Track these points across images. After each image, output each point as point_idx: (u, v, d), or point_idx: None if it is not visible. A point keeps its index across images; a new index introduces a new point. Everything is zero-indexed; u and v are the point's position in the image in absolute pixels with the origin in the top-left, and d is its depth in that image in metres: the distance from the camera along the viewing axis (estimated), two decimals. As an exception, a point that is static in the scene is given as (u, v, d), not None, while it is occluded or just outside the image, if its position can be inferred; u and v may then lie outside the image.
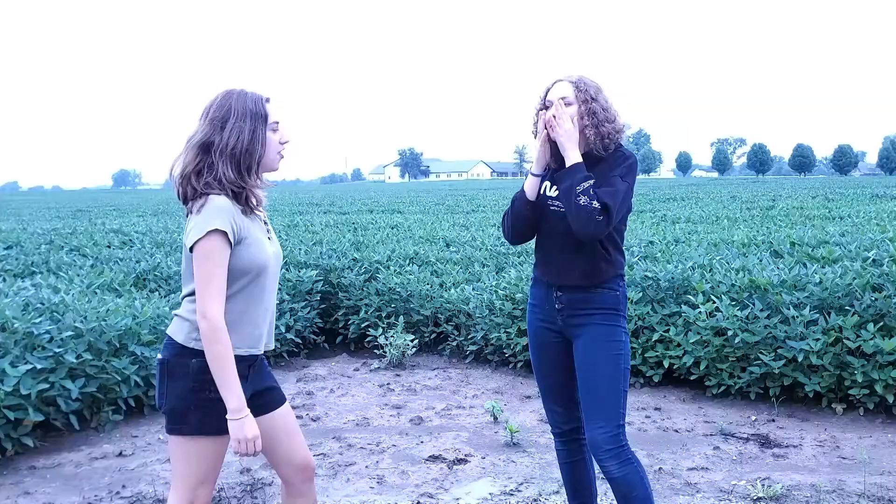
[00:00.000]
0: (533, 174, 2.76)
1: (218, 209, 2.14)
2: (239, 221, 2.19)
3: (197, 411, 2.18)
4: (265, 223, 2.36)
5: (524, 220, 2.79)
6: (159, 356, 2.25)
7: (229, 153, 2.18)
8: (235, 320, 2.20)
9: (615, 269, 2.71)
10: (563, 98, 2.66)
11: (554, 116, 2.62)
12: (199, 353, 2.17)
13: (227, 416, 2.15)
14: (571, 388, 2.83)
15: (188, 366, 2.18)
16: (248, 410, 2.16)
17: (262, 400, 2.36)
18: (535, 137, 2.77)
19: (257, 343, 2.28)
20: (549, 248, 2.77)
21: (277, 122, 2.28)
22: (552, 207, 2.72)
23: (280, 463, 2.42)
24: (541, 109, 2.72)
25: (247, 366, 2.25)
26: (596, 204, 2.50)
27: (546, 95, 2.71)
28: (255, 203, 2.25)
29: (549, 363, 2.85)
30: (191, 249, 2.15)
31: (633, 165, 2.68)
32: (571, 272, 2.70)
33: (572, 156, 2.60)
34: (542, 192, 2.76)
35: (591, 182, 2.55)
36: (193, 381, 2.17)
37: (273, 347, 2.38)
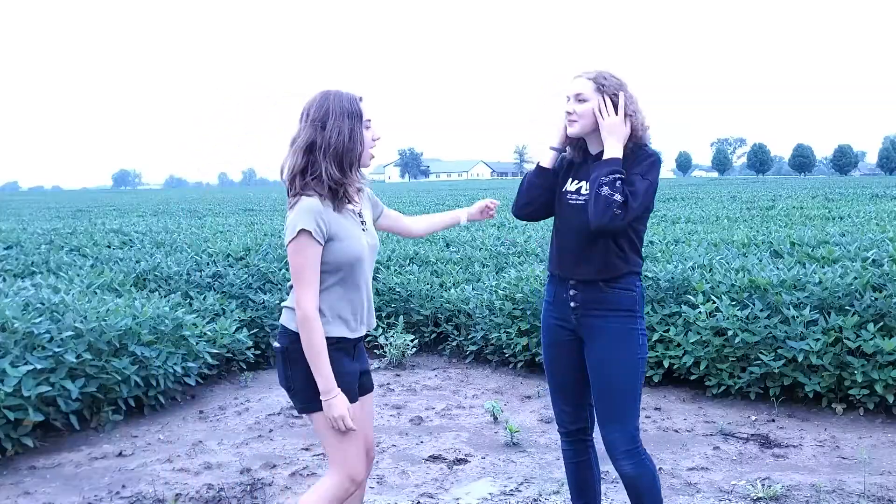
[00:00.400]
0: (552, 147, 2.78)
1: (306, 210, 2.31)
2: (328, 219, 2.34)
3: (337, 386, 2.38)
4: (359, 215, 2.50)
5: (534, 188, 2.80)
6: (277, 344, 2.47)
7: (332, 152, 2.34)
8: (336, 307, 2.40)
9: (629, 267, 2.68)
10: (578, 95, 2.65)
11: (608, 106, 2.61)
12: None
13: (319, 396, 2.34)
14: (582, 387, 2.82)
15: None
16: (338, 391, 2.34)
17: (361, 380, 2.56)
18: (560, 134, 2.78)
19: (358, 327, 2.47)
20: (564, 243, 2.75)
21: (370, 120, 2.43)
22: (570, 201, 2.72)
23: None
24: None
25: (352, 346, 2.47)
26: (618, 197, 2.50)
27: (565, 91, 2.72)
28: (348, 199, 2.41)
29: (561, 362, 2.82)
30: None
31: (655, 163, 2.67)
32: (584, 266, 2.68)
33: (613, 149, 2.59)
34: (563, 188, 2.77)
35: (621, 177, 2.53)
36: (333, 360, 2.38)
37: (374, 327, 2.60)
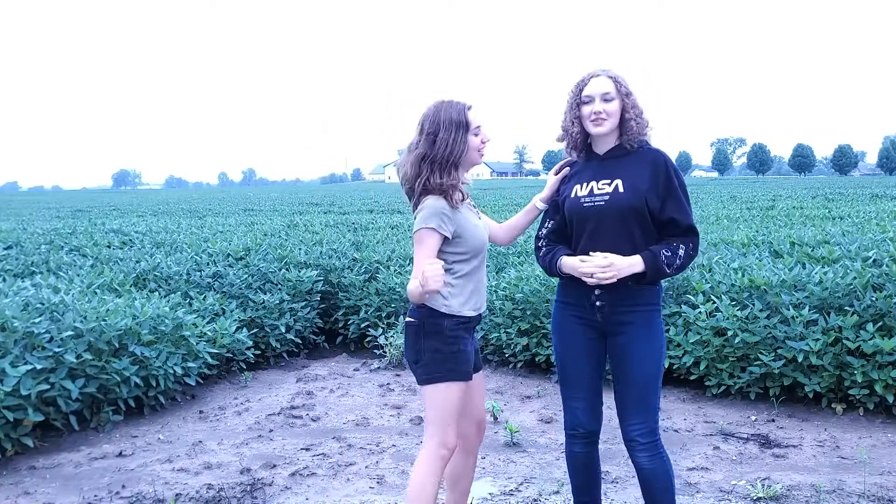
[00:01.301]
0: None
1: (433, 211, 2.62)
2: (451, 216, 2.65)
3: (449, 362, 2.66)
4: (474, 206, 2.84)
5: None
6: (410, 319, 2.75)
7: (439, 162, 2.65)
8: (469, 290, 2.71)
9: None
10: (605, 94, 2.67)
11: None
12: (450, 317, 2.67)
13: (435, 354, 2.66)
14: (599, 386, 2.83)
15: (442, 325, 2.67)
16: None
17: (476, 359, 2.82)
18: (564, 137, 2.79)
19: (482, 306, 2.79)
20: (589, 247, 2.71)
21: (479, 126, 2.70)
22: (586, 204, 2.70)
23: (466, 416, 2.82)
24: (578, 104, 2.71)
25: (472, 326, 2.75)
26: (681, 251, 2.64)
27: (582, 90, 2.70)
28: (459, 198, 2.68)
29: (582, 361, 2.79)
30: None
31: (674, 166, 2.74)
32: None
33: (634, 266, 2.62)
34: (573, 195, 2.75)
35: (667, 253, 2.63)
36: (448, 337, 2.67)
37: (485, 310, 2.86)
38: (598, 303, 2.71)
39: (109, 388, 4.71)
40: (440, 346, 2.66)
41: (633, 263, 2.61)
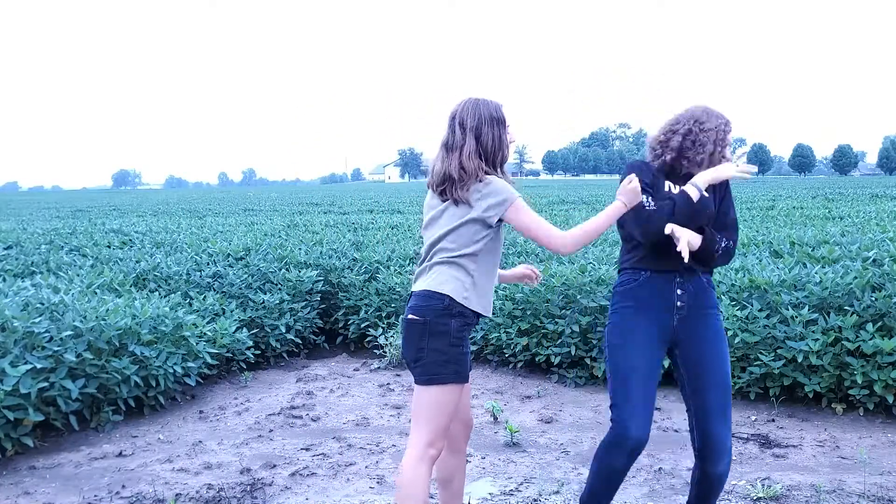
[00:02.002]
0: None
1: (504, 184, 2.66)
2: None
3: (452, 364, 2.64)
4: None
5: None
6: (415, 316, 2.66)
7: (490, 156, 2.69)
8: (485, 285, 2.73)
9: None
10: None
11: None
12: (457, 315, 2.64)
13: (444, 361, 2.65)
14: (652, 393, 2.73)
15: (449, 325, 2.63)
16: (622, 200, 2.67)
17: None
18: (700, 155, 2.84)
19: (490, 308, 2.78)
20: (661, 242, 2.72)
21: (510, 125, 2.74)
22: (648, 208, 2.73)
23: (455, 417, 2.79)
24: (724, 144, 2.86)
25: (472, 328, 2.75)
26: (724, 244, 2.75)
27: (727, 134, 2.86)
28: None
29: (652, 366, 2.73)
30: (499, 219, 2.66)
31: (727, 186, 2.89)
32: (692, 258, 2.73)
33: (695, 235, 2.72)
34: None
35: (719, 242, 2.74)
36: (453, 338, 2.64)
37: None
38: (678, 302, 2.74)
39: (109, 388, 4.71)
40: (444, 347, 2.64)
41: (693, 234, 2.71)
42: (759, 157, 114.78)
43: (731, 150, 2.88)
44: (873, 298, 4.85)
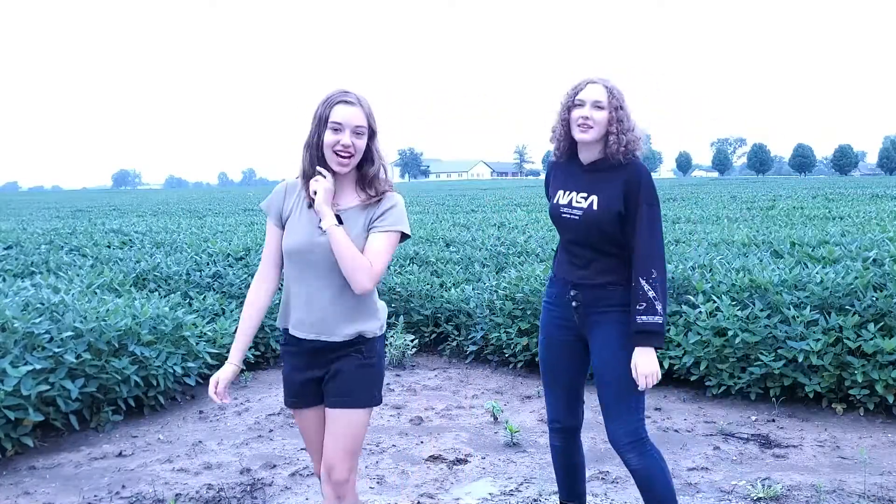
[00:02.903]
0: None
1: (273, 190, 2.53)
2: (289, 202, 2.48)
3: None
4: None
5: None
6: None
7: (305, 149, 2.45)
8: (284, 301, 2.54)
9: (628, 269, 2.71)
10: (597, 101, 2.64)
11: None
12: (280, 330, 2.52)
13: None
14: (579, 385, 2.91)
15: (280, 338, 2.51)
16: (232, 364, 2.52)
17: (327, 390, 2.50)
18: (553, 139, 2.78)
19: (306, 329, 2.45)
20: (566, 250, 2.83)
21: (340, 123, 2.37)
22: (564, 215, 2.75)
23: (315, 452, 2.66)
24: (570, 107, 2.69)
25: (304, 350, 2.47)
26: (652, 293, 2.59)
27: (576, 94, 2.67)
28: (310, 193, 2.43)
29: (561, 360, 2.87)
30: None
31: (652, 184, 2.70)
32: (587, 270, 2.74)
33: (652, 354, 2.64)
34: (556, 200, 2.79)
35: (647, 310, 2.60)
36: (282, 354, 2.53)
37: (337, 340, 2.45)
38: (573, 303, 2.77)
39: (109, 388, 4.71)
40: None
41: (642, 354, 2.62)
42: (759, 157, 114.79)
43: (584, 114, 2.63)
44: (874, 298, 4.85)
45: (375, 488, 3.80)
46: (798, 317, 4.78)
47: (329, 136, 2.34)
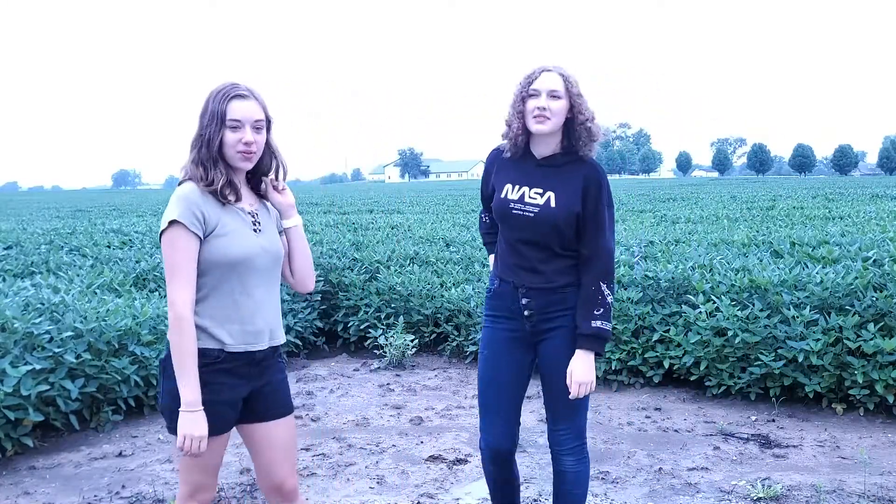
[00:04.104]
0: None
1: (180, 198, 2.17)
2: (207, 211, 2.18)
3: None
4: (251, 214, 2.29)
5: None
6: (163, 356, 2.26)
7: (201, 148, 2.22)
8: (217, 313, 2.21)
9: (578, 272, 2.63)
10: (552, 91, 2.50)
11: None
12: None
13: (179, 409, 2.13)
14: (521, 404, 2.76)
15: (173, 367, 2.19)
16: (201, 409, 2.13)
17: (260, 405, 2.32)
18: (507, 133, 2.61)
19: (255, 339, 2.24)
20: (515, 251, 2.63)
21: (239, 122, 2.20)
22: (515, 211, 2.59)
23: (259, 477, 2.40)
24: (524, 98, 2.54)
25: (244, 363, 2.24)
26: (605, 292, 2.54)
27: (530, 84, 2.53)
28: (229, 195, 2.23)
29: (509, 379, 2.70)
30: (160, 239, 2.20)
31: (607, 184, 2.63)
32: (541, 274, 2.59)
33: (591, 361, 2.57)
34: (503, 195, 2.62)
35: (598, 311, 2.53)
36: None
37: (281, 343, 2.35)
38: (525, 311, 2.61)
39: (109, 388, 4.71)
40: (175, 393, 2.15)
41: (582, 358, 2.54)
42: (759, 157, 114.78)
43: (540, 104, 2.49)
44: (874, 298, 4.85)
45: (375, 488, 3.80)
46: (798, 317, 4.79)
47: (230, 136, 2.18)
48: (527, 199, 2.56)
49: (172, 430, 2.21)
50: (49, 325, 4.54)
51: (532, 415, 4.91)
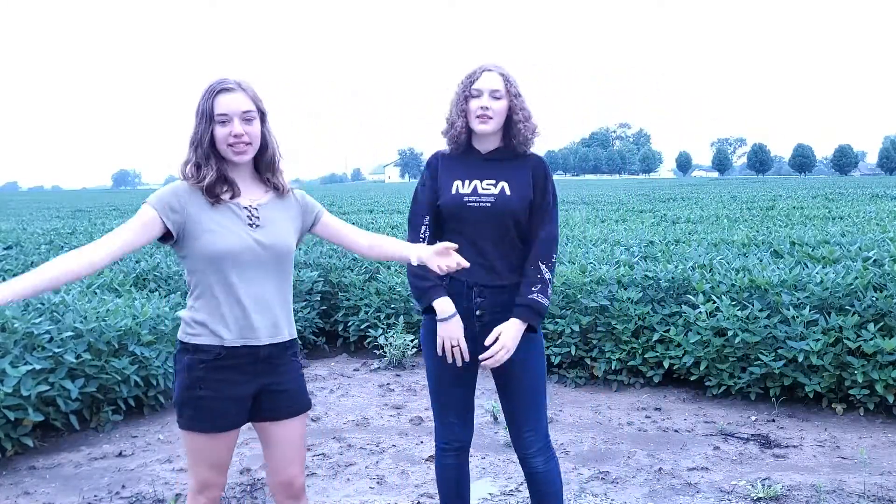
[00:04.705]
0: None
1: (164, 189, 2.24)
2: (190, 206, 2.19)
3: (187, 407, 2.24)
4: (246, 209, 2.26)
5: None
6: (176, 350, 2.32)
7: (192, 146, 2.25)
8: (210, 310, 2.23)
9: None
10: (494, 91, 2.52)
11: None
12: (191, 349, 2.22)
13: None
14: (470, 400, 2.75)
15: (182, 362, 2.24)
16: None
17: (271, 404, 2.31)
18: (448, 130, 2.61)
19: (252, 333, 2.22)
20: (474, 249, 2.57)
21: (226, 115, 2.20)
22: (471, 204, 2.56)
23: (269, 474, 2.42)
24: (467, 97, 2.55)
25: (248, 360, 2.23)
26: (545, 274, 2.53)
27: (472, 84, 2.55)
28: (222, 193, 2.23)
29: (461, 380, 2.68)
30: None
31: (551, 174, 2.67)
32: (496, 272, 2.57)
33: (519, 329, 2.53)
34: (453, 191, 2.59)
35: (536, 287, 2.52)
36: (185, 377, 2.23)
37: (286, 339, 2.30)
38: (477, 311, 2.57)
39: (109, 388, 4.71)
40: (182, 389, 2.23)
41: (517, 326, 2.51)
42: (759, 157, 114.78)
43: (482, 104, 2.52)
44: (874, 298, 4.85)
45: (375, 488, 3.80)
46: (798, 317, 4.79)
47: (220, 131, 2.18)
48: (480, 191, 2.56)
49: (182, 425, 2.26)
50: (49, 325, 4.54)
51: (532, 415, 4.91)
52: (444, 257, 2.32)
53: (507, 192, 2.56)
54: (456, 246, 2.32)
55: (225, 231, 2.20)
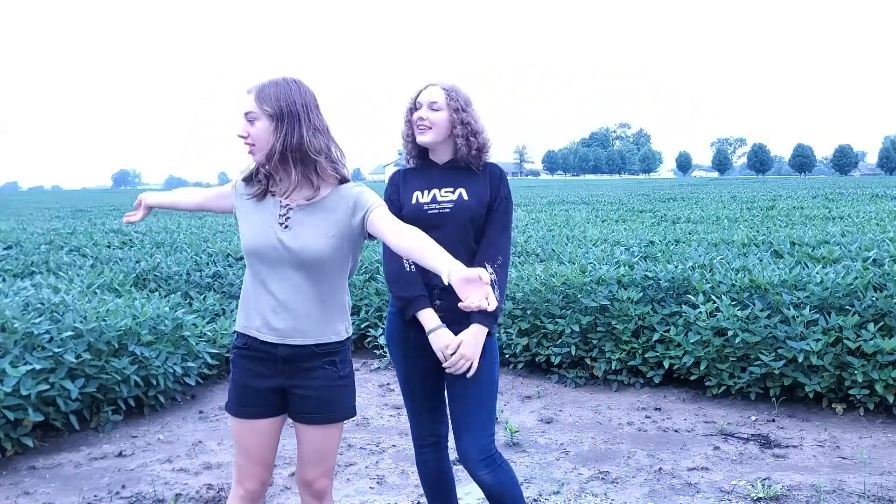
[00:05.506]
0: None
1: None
2: (242, 198, 2.36)
3: (232, 392, 2.35)
4: (283, 206, 2.26)
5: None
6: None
7: None
8: (245, 294, 2.37)
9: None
10: (432, 103, 2.62)
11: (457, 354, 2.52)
12: (236, 333, 2.34)
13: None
14: (440, 395, 2.77)
15: (232, 352, 2.37)
16: None
17: (292, 405, 2.31)
18: (402, 138, 2.73)
19: (270, 331, 2.24)
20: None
21: (242, 117, 2.27)
22: (431, 211, 2.62)
23: (297, 468, 2.45)
24: (412, 110, 2.68)
25: (268, 357, 2.26)
26: (496, 283, 2.54)
27: (416, 98, 2.68)
28: (267, 190, 2.31)
29: (423, 374, 2.72)
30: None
31: (507, 181, 2.73)
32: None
33: (480, 336, 2.53)
34: (414, 201, 2.65)
35: (496, 287, 2.54)
36: (231, 358, 2.37)
37: (311, 343, 2.25)
38: (439, 313, 2.59)
39: (109, 388, 4.71)
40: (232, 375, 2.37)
41: (478, 334, 2.52)
42: (759, 157, 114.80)
43: (420, 115, 2.62)
44: (874, 298, 4.85)
45: (375, 488, 3.80)
46: (798, 317, 4.79)
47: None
48: (438, 199, 2.64)
49: (228, 408, 2.36)
50: (49, 325, 4.54)
51: (532, 415, 4.91)
52: (474, 288, 1.95)
53: (465, 196, 2.63)
54: (489, 279, 1.98)
55: (257, 226, 2.26)
